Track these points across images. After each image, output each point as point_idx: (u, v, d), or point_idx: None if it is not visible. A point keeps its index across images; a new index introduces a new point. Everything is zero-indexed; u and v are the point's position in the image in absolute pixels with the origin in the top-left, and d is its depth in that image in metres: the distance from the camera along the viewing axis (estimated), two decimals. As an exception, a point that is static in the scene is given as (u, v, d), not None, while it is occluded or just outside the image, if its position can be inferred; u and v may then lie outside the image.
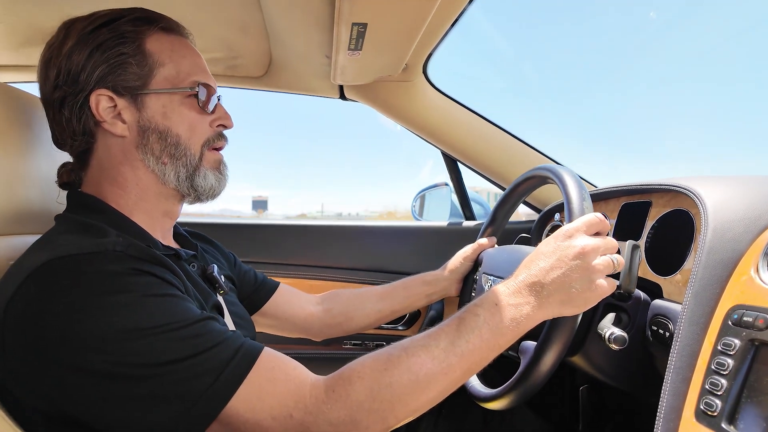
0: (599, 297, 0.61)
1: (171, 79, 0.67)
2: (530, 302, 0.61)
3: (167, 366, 0.50)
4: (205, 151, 0.70)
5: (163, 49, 0.67)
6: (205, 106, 0.69)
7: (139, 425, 0.50)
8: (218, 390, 0.50)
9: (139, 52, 0.65)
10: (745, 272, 0.56)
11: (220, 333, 0.55)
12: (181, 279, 0.61)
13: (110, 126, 0.65)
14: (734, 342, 0.52)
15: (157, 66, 0.66)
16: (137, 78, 0.65)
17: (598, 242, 0.62)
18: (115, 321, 0.50)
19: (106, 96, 0.64)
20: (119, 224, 0.64)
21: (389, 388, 0.54)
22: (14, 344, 0.51)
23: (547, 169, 0.80)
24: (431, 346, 0.58)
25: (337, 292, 1.04)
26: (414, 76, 1.18)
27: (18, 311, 0.51)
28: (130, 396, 0.49)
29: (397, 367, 0.56)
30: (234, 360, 0.52)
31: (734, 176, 0.72)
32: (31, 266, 0.52)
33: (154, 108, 0.66)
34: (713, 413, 0.51)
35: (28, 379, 0.51)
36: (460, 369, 0.58)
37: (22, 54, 1.11)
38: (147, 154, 0.66)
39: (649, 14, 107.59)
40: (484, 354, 0.59)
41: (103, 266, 0.53)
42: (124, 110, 0.65)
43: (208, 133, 0.70)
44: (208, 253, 0.84)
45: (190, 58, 0.69)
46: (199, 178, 0.69)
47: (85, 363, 0.49)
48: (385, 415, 0.54)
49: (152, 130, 0.66)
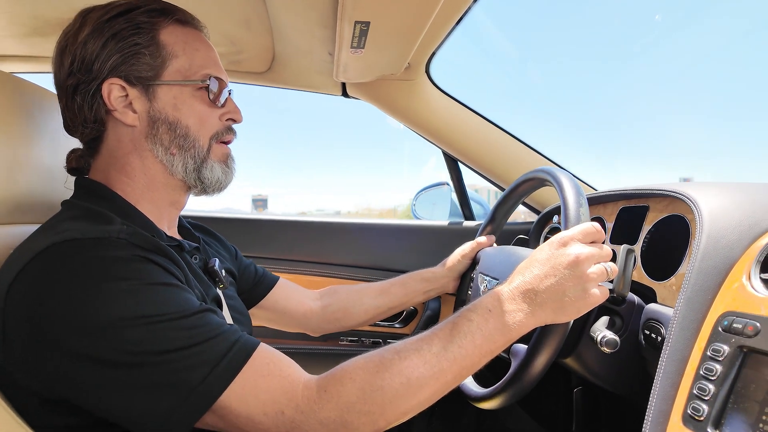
0: (591, 305, 0.62)
1: (183, 71, 0.67)
2: (523, 309, 0.61)
3: (164, 355, 0.50)
4: (214, 143, 0.70)
5: (177, 41, 0.67)
6: (216, 99, 0.69)
7: (133, 412, 0.51)
8: (212, 382, 0.51)
9: (153, 43, 0.66)
10: (738, 279, 0.57)
11: (218, 326, 0.55)
12: (182, 270, 0.61)
13: (121, 115, 0.65)
14: (723, 348, 0.52)
15: (170, 57, 0.66)
16: (150, 68, 0.65)
17: (592, 251, 0.63)
18: (115, 308, 0.51)
19: (119, 85, 0.65)
20: (125, 212, 0.64)
21: (380, 390, 0.55)
22: (15, 327, 0.52)
23: (547, 172, 0.81)
24: (423, 350, 0.58)
25: (336, 288, 1.04)
26: (416, 75, 1.18)
27: (20, 294, 0.52)
28: (125, 383, 0.50)
29: (389, 369, 0.56)
30: (230, 353, 0.53)
31: (731, 183, 0.72)
32: (35, 250, 0.53)
33: (165, 99, 0.66)
34: (700, 418, 0.51)
35: (27, 362, 0.52)
36: (451, 373, 0.58)
37: (26, 44, 1.11)
38: (156, 145, 0.67)
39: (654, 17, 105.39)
40: (476, 359, 0.60)
41: (106, 252, 0.53)
42: (135, 100, 0.66)
43: (218, 126, 0.71)
44: (210, 246, 0.84)
45: (203, 51, 0.70)
46: (207, 170, 0.70)
47: (83, 348, 0.50)
48: (375, 418, 0.55)
49: (162, 120, 0.66)
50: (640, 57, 57.04)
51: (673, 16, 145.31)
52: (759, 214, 0.61)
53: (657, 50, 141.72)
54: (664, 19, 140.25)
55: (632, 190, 0.89)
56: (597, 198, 0.99)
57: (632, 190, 0.89)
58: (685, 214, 0.76)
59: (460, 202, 1.46)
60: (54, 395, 0.53)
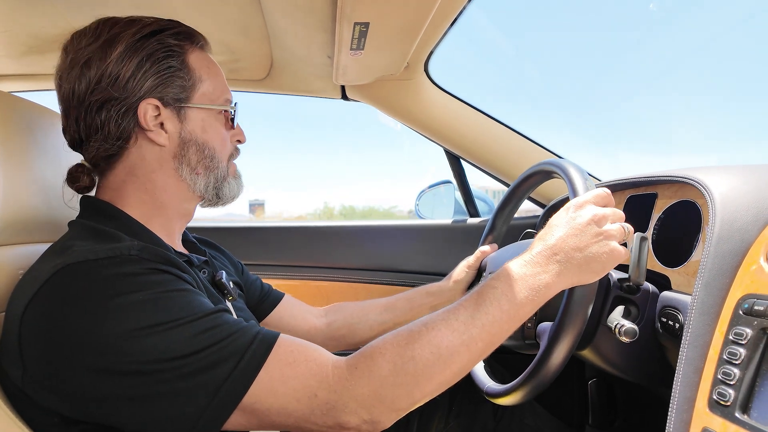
0: (616, 261, 0.62)
1: (208, 95, 0.71)
2: (548, 271, 0.61)
3: (185, 358, 0.50)
4: (230, 163, 0.75)
5: (202, 66, 0.71)
6: (233, 122, 0.74)
7: (164, 420, 0.50)
8: (238, 376, 0.51)
9: (185, 67, 0.68)
10: (755, 261, 0.56)
11: (236, 323, 0.55)
12: (194, 281, 0.61)
13: (155, 135, 0.67)
14: (746, 331, 0.52)
15: (198, 81, 0.70)
16: (182, 91, 0.68)
17: (607, 211, 0.63)
18: (131, 319, 0.50)
19: (153, 105, 0.66)
20: (133, 231, 0.64)
21: (412, 361, 0.55)
22: (33, 351, 0.51)
23: (548, 163, 0.81)
24: (451, 320, 0.58)
25: (341, 305, 1.03)
26: (416, 74, 1.18)
27: (35, 318, 0.52)
28: (153, 393, 0.50)
29: (418, 341, 0.56)
30: (252, 346, 0.53)
31: (740, 166, 0.71)
32: (47, 273, 0.53)
33: (195, 121, 0.69)
34: (726, 403, 0.50)
35: (49, 384, 0.51)
36: (481, 341, 0.58)
37: (23, 63, 1.11)
38: (183, 165, 0.69)
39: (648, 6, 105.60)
40: (505, 325, 0.60)
41: (119, 269, 0.53)
42: (167, 120, 0.67)
43: (231, 147, 0.75)
44: (216, 259, 0.84)
45: (221, 77, 0.74)
46: (226, 188, 0.74)
47: (104, 364, 0.49)
48: (410, 389, 0.54)
49: (192, 142, 0.69)
50: (636, 47, 55.12)
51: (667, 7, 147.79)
52: None
53: (653, 40, 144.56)
54: (665, 4, 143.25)
55: (640, 178, 0.88)
56: (603, 187, 0.98)
57: (640, 177, 0.88)
58: (696, 199, 0.75)
59: (463, 200, 1.45)
60: (77, 415, 0.52)
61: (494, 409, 1.03)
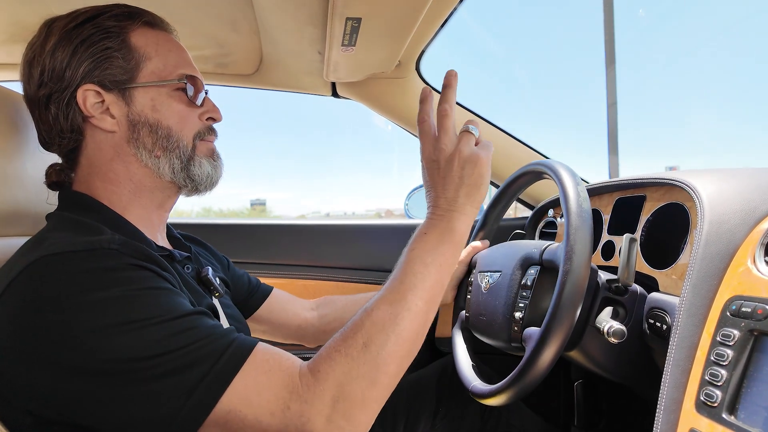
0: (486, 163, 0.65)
1: (158, 72, 0.66)
2: (447, 210, 0.64)
3: (159, 358, 0.48)
4: (198, 142, 0.70)
5: (149, 43, 0.66)
6: (194, 98, 0.69)
7: (139, 422, 0.48)
8: (213, 379, 0.49)
9: (125, 46, 0.64)
10: (742, 263, 0.56)
11: (213, 326, 0.54)
12: (175, 279, 0.59)
13: (99, 121, 0.64)
14: (733, 333, 0.52)
15: (143, 60, 0.65)
16: (124, 72, 0.64)
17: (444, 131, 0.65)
18: (106, 316, 0.49)
19: (93, 91, 0.63)
20: (114, 223, 0.62)
21: (365, 348, 0.54)
22: (6, 344, 0.49)
23: (538, 163, 0.81)
24: (384, 293, 0.59)
25: (332, 298, 1.02)
26: (407, 72, 1.18)
27: (9, 310, 0.50)
28: (125, 393, 0.48)
29: (363, 326, 0.56)
30: (229, 350, 0.51)
31: (728, 169, 0.72)
32: (23, 264, 0.51)
33: (143, 101, 0.65)
34: (713, 404, 0.51)
35: (22, 380, 0.49)
36: (421, 300, 0.59)
37: (4, 51, 1.08)
38: (139, 148, 0.65)
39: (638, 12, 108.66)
40: (436, 277, 0.61)
41: (97, 263, 0.51)
42: (112, 105, 0.64)
43: (199, 125, 0.70)
44: (201, 256, 0.82)
45: (176, 52, 0.69)
46: (195, 167, 0.69)
47: (76, 362, 0.48)
48: (374, 376, 0.54)
49: (142, 123, 0.65)
50: (625, 51, 57.90)
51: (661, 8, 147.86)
52: (758, 197, 0.61)
53: (640, 44, 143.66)
54: (655, 10, 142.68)
55: (628, 180, 0.89)
56: (593, 190, 0.99)
57: (628, 180, 0.89)
58: (684, 201, 0.76)
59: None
60: (50, 414, 0.50)
61: (481, 411, 1.03)
